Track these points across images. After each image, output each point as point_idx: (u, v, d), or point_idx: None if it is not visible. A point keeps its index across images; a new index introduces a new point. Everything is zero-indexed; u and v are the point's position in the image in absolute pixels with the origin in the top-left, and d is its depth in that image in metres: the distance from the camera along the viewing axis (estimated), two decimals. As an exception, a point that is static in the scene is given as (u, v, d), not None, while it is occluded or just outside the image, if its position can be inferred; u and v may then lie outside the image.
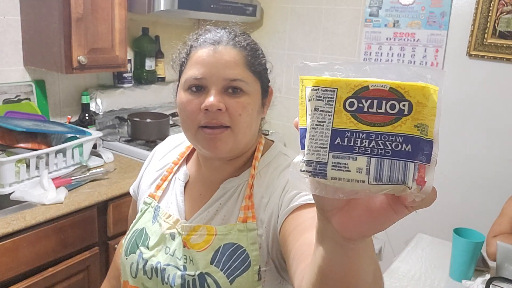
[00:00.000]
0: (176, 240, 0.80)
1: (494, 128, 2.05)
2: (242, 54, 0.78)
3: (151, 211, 0.87)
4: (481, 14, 1.97)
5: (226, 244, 0.76)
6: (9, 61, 1.89)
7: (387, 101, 0.43)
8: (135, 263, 0.82)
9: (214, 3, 2.21)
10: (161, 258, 0.80)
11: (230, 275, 0.74)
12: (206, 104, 0.74)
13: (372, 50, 2.28)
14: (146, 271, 0.80)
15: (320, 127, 0.45)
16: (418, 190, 0.43)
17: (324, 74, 0.46)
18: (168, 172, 0.90)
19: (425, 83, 0.44)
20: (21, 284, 1.41)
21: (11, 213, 1.40)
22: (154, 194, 0.89)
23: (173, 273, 0.78)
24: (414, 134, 0.43)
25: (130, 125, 2.23)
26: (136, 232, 0.86)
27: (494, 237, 1.53)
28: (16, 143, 1.61)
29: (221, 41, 0.78)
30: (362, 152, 0.43)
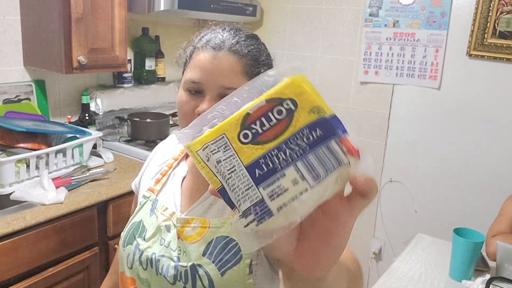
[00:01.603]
0: (171, 232, 0.82)
1: (494, 128, 2.05)
2: (241, 62, 0.79)
3: (149, 204, 0.88)
4: (481, 14, 1.97)
5: (219, 237, 0.77)
6: (9, 61, 1.89)
7: (271, 111, 0.43)
8: (132, 254, 0.84)
9: (214, 3, 2.21)
10: (156, 249, 0.82)
11: (222, 267, 0.75)
12: (199, 110, 0.77)
13: (372, 50, 2.28)
14: (142, 262, 0.82)
15: (233, 174, 0.43)
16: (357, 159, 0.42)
17: (204, 130, 0.45)
18: (168, 167, 0.92)
19: (290, 77, 0.44)
20: (21, 284, 1.41)
21: (11, 213, 1.40)
22: (153, 188, 0.90)
23: (167, 264, 0.79)
24: (314, 119, 0.42)
25: (130, 125, 2.23)
26: (134, 224, 0.87)
27: (494, 237, 1.53)
28: (16, 143, 1.61)
29: (223, 46, 0.79)
30: (285, 165, 0.41)
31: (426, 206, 2.29)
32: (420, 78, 2.19)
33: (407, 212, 2.35)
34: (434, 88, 2.17)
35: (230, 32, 0.83)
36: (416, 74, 2.19)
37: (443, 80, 2.15)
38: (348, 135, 0.43)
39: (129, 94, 2.33)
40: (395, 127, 2.31)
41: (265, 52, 0.86)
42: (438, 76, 2.15)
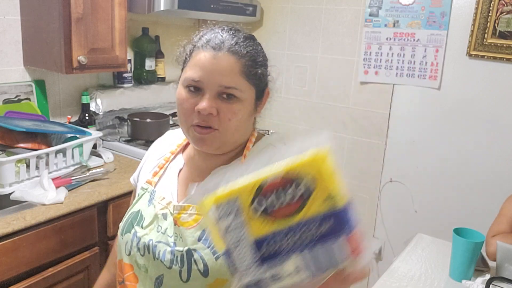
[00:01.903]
0: (167, 219, 0.86)
1: (494, 128, 2.05)
2: (239, 62, 0.81)
3: (147, 195, 0.92)
4: (481, 14, 1.97)
5: None
6: (9, 61, 1.89)
7: (288, 188, 0.43)
8: (130, 241, 0.88)
9: (214, 3, 2.21)
10: (153, 236, 0.85)
11: (216, 252, 0.78)
12: (199, 108, 0.80)
13: (372, 50, 2.28)
14: (139, 249, 0.86)
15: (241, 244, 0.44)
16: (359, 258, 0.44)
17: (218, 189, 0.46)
18: (165, 160, 0.96)
19: (313, 152, 0.44)
20: (21, 284, 1.41)
21: (11, 213, 1.40)
22: (151, 180, 0.94)
23: (164, 249, 0.83)
24: (327, 210, 0.43)
25: (130, 125, 2.23)
26: (132, 214, 0.91)
27: (494, 237, 1.53)
28: (16, 143, 1.61)
29: (222, 47, 0.81)
30: (292, 250, 0.43)
31: (426, 206, 2.29)
32: (420, 78, 2.19)
33: (407, 212, 2.35)
34: (434, 88, 2.17)
35: (229, 32, 0.85)
36: (416, 74, 2.19)
37: (443, 80, 2.15)
38: (356, 230, 0.44)
39: (129, 94, 2.33)
40: (395, 127, 2.31)
41: (262, 53, 0.88)
42: (438, 76, 2.15)
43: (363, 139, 2.40)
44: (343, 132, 2.46)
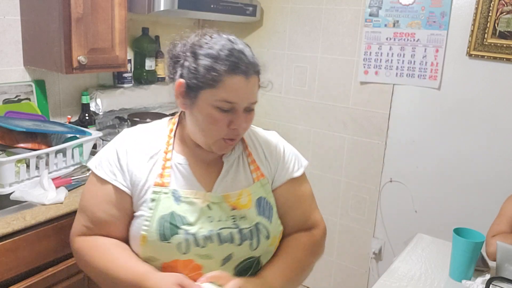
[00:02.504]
0: (213, 209, 0.95)
1: (494, 128, 2.05)
2: (258, 78, 0.95)
3: (168, 196, 0.94)
4: (481, 14, 1.97)
5: (257, 199, 1.00)
6: (9, 61, 1.89)
7: None
8: (184, 241, 0.92)
9: (214, 3, 2.21)
10: (209, 226, 0.94)
11: (268, 217, 0.99)
12: (240, 126, 0.93)
13: (372, 50, 2.28)
14: (199, 243, 0.93)
15: None
16: None
17: None
18: (164, 160, 0.98)
19: None
20: (21, 284, 1.41)
21: (11, 213, 1.40)
22: (161, 182, 0.96)
23: (229, 232, 0.94)
24: None
25: (130, 125, 2.23)
26: (164, 218, 0.93)
27: (494, 237, 1.53)
28: (16, 143, 1.61)
29: (250, 70, 0.92)
30: None
31: (426, 206, 2.29)
32: (420, 78, 2.19)
33: (407, 212, 2.35)
34: (434, 88, 2.17)
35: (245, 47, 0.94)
36: (416, 74, 2.20)
37: (443, 80, 2.15)
38: None
39: (129, 94, 2.34)
40: (395, 127, 2.31)
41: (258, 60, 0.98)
42: (438, 76, 2.15)
43: (363, 139, 2.40)
44: (343, 132, 2.46)
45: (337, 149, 2.50)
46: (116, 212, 0.96)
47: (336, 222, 2.57)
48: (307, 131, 2.57)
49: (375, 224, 2.45)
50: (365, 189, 2.45)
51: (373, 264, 2.50)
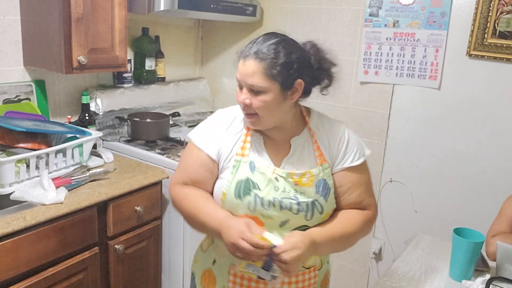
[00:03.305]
0: (280, 181, 1.15)
1: (494, 128, 2.05)
2: (260, 65, 1.08)
3: (245, 166, 1.16)
4: (481, 14, 1.97)
5: (319, 180, 1.16)
6: (9, 61, 1.89)
7: None
8: (253, 202, 1.13)
9: (214, 3, 2.21)
10: (274, 194, 1.14)
11: (324, 196, 1.16)
12: (239, 100, 1.14)
13: (372, 50, 2.28)
14: (264, 205, 1.13)
15: None
16: None
17: None
18: (245, 136, 1.20)
19: None
20: (21, 284, 1.41)
21: (11, 213, 1.40)
22: (241, 153, 1.18)
23: (289, 202, 1.13)
24: None
25: (130, 125, 2.23)
26: (241, 181, 1.15)
27: (493, 237, 1.53)
28: (16, 143, 1.61)
29: (249, 54, 1.10)
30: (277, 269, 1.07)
31: (426, 206, 2.29)
32: (420, 78, 2.19)
33: (407, 212, 2.35)
34: (434, 88, 2.17)
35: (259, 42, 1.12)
36: (416, 74, 2.19)
37: (443, 80, 2.15)
38: None
39: (129, 94, 2.34)
40: (395, 127, 2.31)
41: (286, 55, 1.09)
42: (438, 76, 2.15)
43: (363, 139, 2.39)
44: (343, 132, 2.46)
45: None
46: (207, 174, 1.20)
47: (336, 222, 2.57)
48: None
49: (375, 224, 2.45)
50: (365, 189, 2.45)
51: (373, 264, 2.50)
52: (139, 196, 1.80)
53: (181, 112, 2.62)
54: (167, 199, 2.02)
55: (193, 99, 2.75)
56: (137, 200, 1.79)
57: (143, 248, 1.89)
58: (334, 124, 1.26)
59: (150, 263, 1.94)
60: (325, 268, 1.30)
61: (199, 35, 2.85)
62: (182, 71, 2.80)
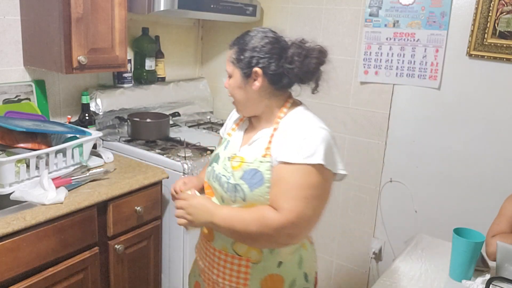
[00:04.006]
0: (229, 161, 1.24)
1: (494, 128, 2.05)
2: (230, 52, 1.25)
3: (225, 143, 1.32)
4: (481, 14, 1.97)
5: (251, 169, 1.18)
6: (9, 61, 1.89)
7: None
8: (209, 172, 1.30)
9: (214, 3, 2.21)
10: (220, 170, 1.25)
11: (250, 185, 1.17)
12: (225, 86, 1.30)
13: (372, 50, 2.28)
14: (213, 177, 1.27)
15: None
16: None
17: None
18: (238, 122, 1.36)
19: None
20: (21, 284, 1.41)
21: (11, 213, 1.40)
22: (230, 133, 1.35)
23: (224, 180, 1.22)
24: None
25: (130, 125, 2.23)
26: (215, 154, 1.32)
27: (493, 237, 1.53)
28: (16, 143, 1.61)
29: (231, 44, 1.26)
30: None
31: (426, 206, 2.29)
32: (420, 78, 2.19)
33: (407, 212, 2.35)
34: (434, 88, 2.17)
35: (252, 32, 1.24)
36: (416, 74, 2.19)
37: (443, 80, 2.15)
38: None
39: (129, 94, 2.34)
40: (395, 127, 2.31)
41: (253, 45, 1.20)
42: (438, 76, 2.15)
43: (363, 139, 2.40)
44: (343, 132, 2.46)
45: (337, 149, 2.49)
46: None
47: (336, 222, 2.57)
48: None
49: (375, 224, 2.45)
50: (365, 189, 2.45)
51: (373, 264, 2.50)
52: (139, 196, 1.80)
53: (181, 112, 2.63)
54: (167, 199, 2.02)
55: (193, 99, 2.75)
56: (137, 200, 1.79)
57: (143, 248, 1.89)
58: (303, 126, 1.18)
59: (150, 263, 1.94)
60: (269, 267, 1.21)
61: (199, 35, 2.85)
62: (182, 71, 2.80)
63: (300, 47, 1.24)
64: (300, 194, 1.10)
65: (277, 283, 1.22)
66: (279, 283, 1.22)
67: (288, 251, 1.22)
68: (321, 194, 1.15)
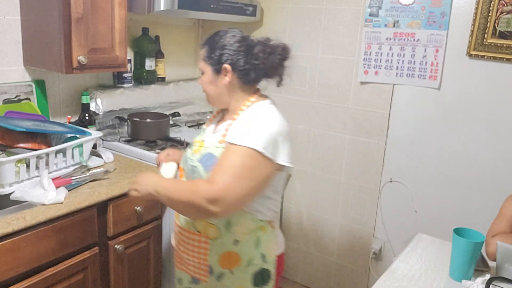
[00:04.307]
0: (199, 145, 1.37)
1: (494, 128, 2.05)
2: (201, 51, 1.36)
3: (202, 132, 1.44)
4: (481, 14, 1.97)
5: (208, 153, 1.30)
6: (9, 61, 1.89)
7: None
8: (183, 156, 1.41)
9: (214, 3, 2.21)
10: (188, 154, 1.37)
11: (205, 168, 1.28)
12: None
13: (372, 50, 2.28)
14: (184, 160, 1.39)
15: None
16: None
17: None
18: (216, 114, 1.47)
19: None
20: (21, 284, 1.41)
21: (11, 213, 1.41)
22: (207, 123, 1.46)
23: (189, 162, 1.34)
24: None
25: (130, 125, 2.23)
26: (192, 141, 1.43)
27: (493, 237, 1.53)
28: (16, 143, 1.61)
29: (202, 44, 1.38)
30: None
31: (426, 206, 2.29)
32: (420, 78, 2.19)
33: (407, 212, 2.35)
34: (434, 88, 2.17)
35: (220, 31, 1.36)
36: (416, 74, 2.20)
37: (443, 80, 2.15)
38: None
39: (129, 94, 2.33)
40: (395, 127, 2.31)
41: (222, 44, 1.32)
42: (438, 76, 2.15)
43: (363, 139, 2.41)
44: (343, 132, 2.46)
45: (337, 149, 2.50)
46: None
47: (336, 222, 2.57)
48: (307, 131, 2.58)
49: (375, 224, 2.45)
50: (365, 189, 2.45)
51: (373, 264, 2.50)
52: (139, 196, 1.80)
53: (181, 112, 2.62)
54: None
55: (193, 99, 2.75)
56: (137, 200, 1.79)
57: (143, 248, 1.89)
58: (257, 115, 1.29)
59: (150, 263, 1.94)
60: (226, 244, 1.31)
61: (199, 35, 2.85)
62: (182, 71, 2.80)
63: (265, 45, 1.32)
64: (233, 172, 1.17)
65: (234, 260, 1.32)
66: (236, 260, 1.32)
67: (243, 230, 1.30)
68: (254, 178, 1.19)
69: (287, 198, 2.74)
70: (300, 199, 2.68)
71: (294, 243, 2.77)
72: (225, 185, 1.16)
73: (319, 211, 2.62)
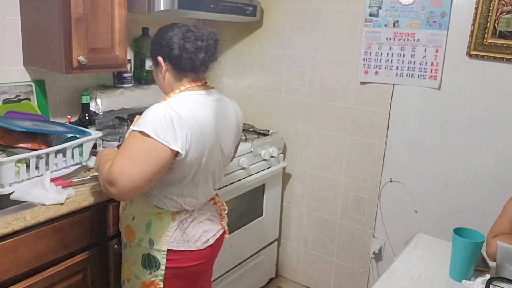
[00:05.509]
0: None
1: (494, 128, 2.05)
2: None
3: None
4: (481, 14, 1.97)
5: (127, 138, 1.35)
6: (9, 61, 1.89)
7: None
8: None
9: (214, 3, 2.21)
10: None
11: None
12: None
13: (372, 50, 2.28)
14: None
15: None
16: None
17: None
18: None
19: None
20: (21, 284, 1.41)
21: (11, 213, 1.40)
22: None
23: None
24: None
25: (130, 125, 2.23)
26: None
27: (494, 237, 1.53)
28: (16, 143, 1.61)
29: None
30: None
31: (426, 206, 2.29)
32: (420, 78, 2.19)
33: (407, 212, 2.35)
34: (434, 88, 2.17)
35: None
36: (416, 74, 2.20)
37: (443, 80, 2.15)
38: None
39: (129, 94, 2.33)
40: (395, 127, 2.31)
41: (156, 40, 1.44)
42: (438, 76, 2.15)
43: (363, 139, 2.41)
44: (343, 132, 2.46)
45: (337, 149, 2.50)
46: None
47: (336, 222, 2.57)
48: (307, 131, 2.58)
49: (375, 224, 2.45)
50: (365, 189, 2.45)
51: (373, 264, 2.50)
52: (139, 196, 1.80)
53: (181, 112, 2.62)
54: (167, 199, 2.01)
55: (193, 99, 2.75)
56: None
57: (143, 248, 1.89)
58: (163, 103, 1.35)
59: (150, 263, 1.94)
60: (127, 217, 1.51)
61: (199, 35, 2.84)
62: (182, 71, 2.80)
63: (193, 34, 1.39)
64: (126, 154, 1.28)
65: (131, 234, 1.50)
66: (131, 235, 1.50)
67: (138, 210, 1.47)
68: (146, 159, 1.26)
69: (287, 198, 2.74)
70: (300, 199, 2.68)
71: (294, 243, 2.77)
72: (118, 166, 1.26)
73: (319, 211, 2.62)
